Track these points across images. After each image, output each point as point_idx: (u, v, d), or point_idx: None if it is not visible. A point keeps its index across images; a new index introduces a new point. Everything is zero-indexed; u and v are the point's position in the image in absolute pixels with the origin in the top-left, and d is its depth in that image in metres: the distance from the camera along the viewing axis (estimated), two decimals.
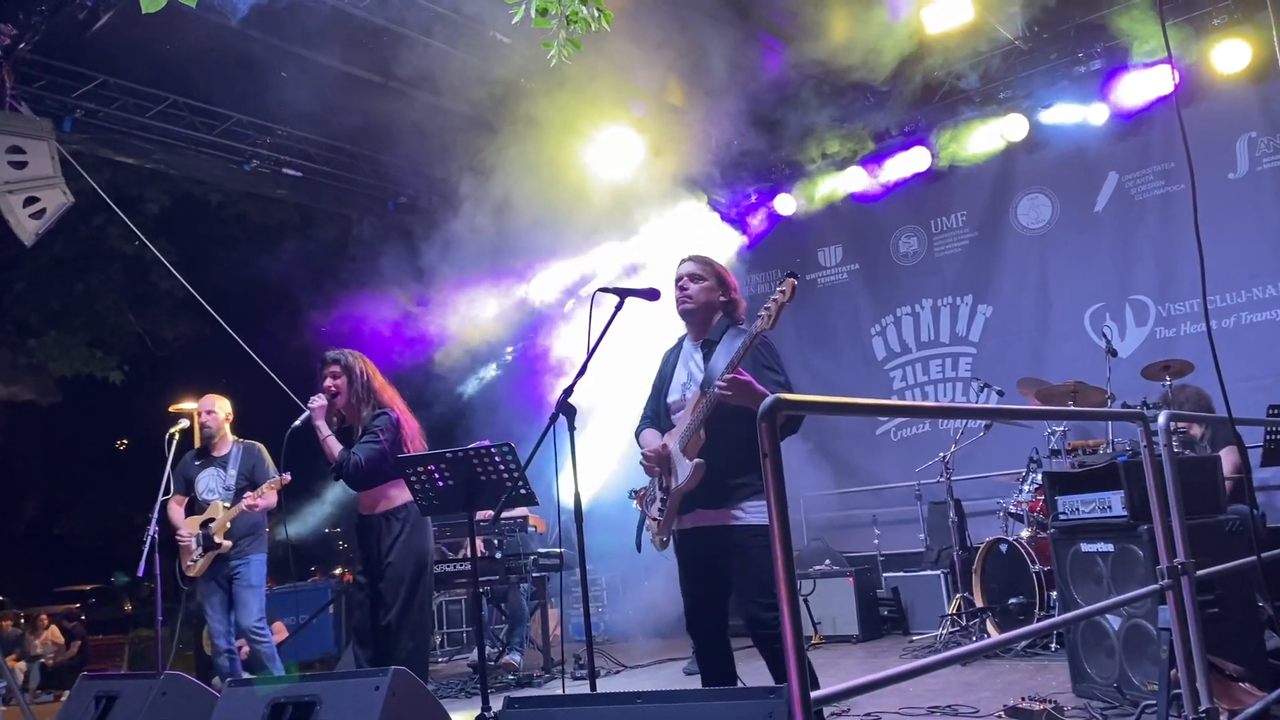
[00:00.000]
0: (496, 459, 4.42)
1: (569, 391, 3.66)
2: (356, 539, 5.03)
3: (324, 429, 4.92)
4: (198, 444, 6.42)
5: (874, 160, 9.57)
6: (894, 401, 2.87)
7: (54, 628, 15.78)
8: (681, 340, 3.96)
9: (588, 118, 8.58)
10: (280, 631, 9.39)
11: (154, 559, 5.84)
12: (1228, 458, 5.65)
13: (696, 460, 3.54)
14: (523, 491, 4.50)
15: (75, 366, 13.52)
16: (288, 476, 5.99)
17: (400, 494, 4.81)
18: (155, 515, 5.91)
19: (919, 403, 2.77)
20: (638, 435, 3.91)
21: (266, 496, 6.07)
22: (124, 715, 4.40)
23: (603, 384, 4.70)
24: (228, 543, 5.97)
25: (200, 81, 8.29)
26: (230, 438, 6.37)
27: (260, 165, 9.35)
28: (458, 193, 9.22)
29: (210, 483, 6.20)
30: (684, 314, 3.84)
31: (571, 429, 3.65)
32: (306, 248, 11.15)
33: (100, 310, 13.54)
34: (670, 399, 3.82)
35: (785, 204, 10.18)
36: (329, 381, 5.02)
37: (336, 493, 12.76)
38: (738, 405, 3.32)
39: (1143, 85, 8.11)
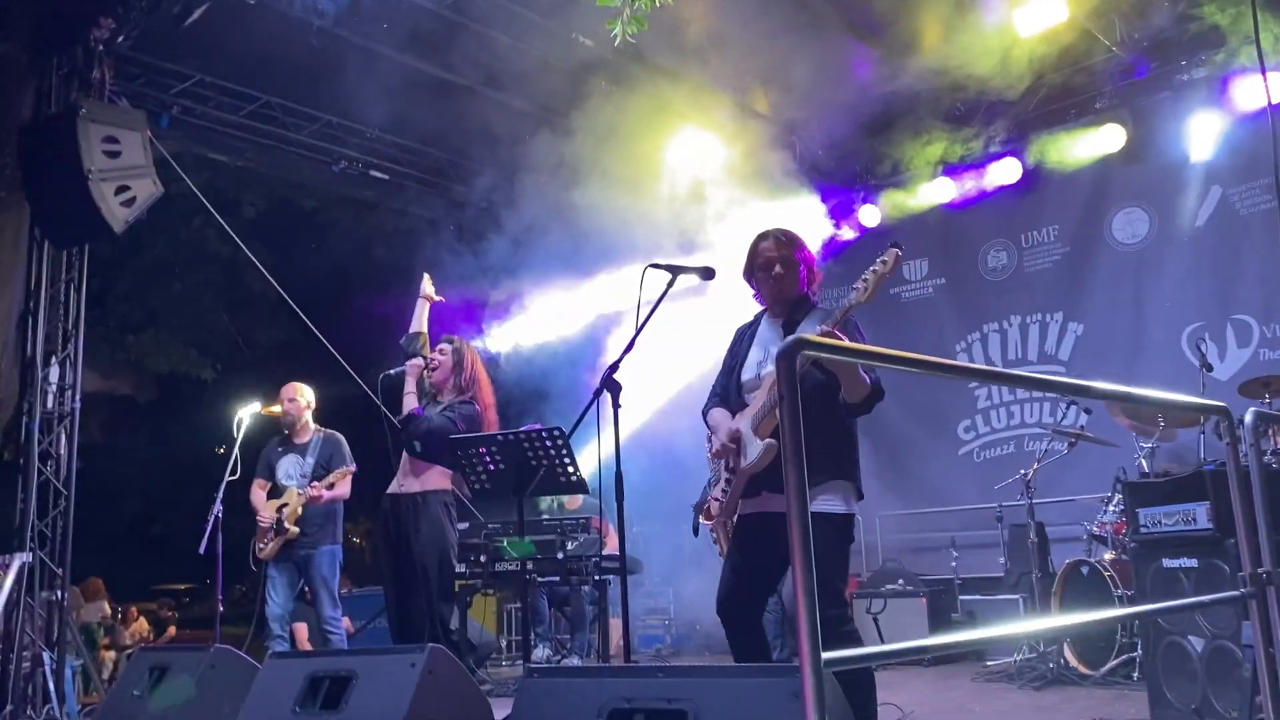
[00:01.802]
0: (548, 443, 4.36)
1: (614, 368, 3.57)
2: (384, 516, 5.06)
3: (411, 384, 5.18)
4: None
5: (963, 171, 9.30)
6: (941, 359, 2.68)
7: (142, 620, 16.27)
8: (758, 317, 3.79)
9: (669, 123, 8.54)
10: (347, 625, 9.46)
11: (216, 538, 5.93)
12: None
13: (769, 441, 3.37)
14: (574, 479, 4.43)
15: (171, 364, 13.97)
16: (354, 467, 6.07)
17: (443, 480, 4.82)
18: (219, 495, 6.00)
19: (972, 365, 2.60)
20: (705, 414, 3.76)
21: (337, 487, 6.16)
22: (174, 685, 4.46)
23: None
24: (295, 529, 6.05)
25: (291, 82, 8.49)
26: (312, 426, 6.51)
27: (348, 167, 9.52)
28: (540, 195, 9.25)
29: (289, 469, 6.33)
30: (769, 291, 3.66)
31: (616, 406, 3.55)
32: (393, 252, 11.30)
33: (197, 310, 13.96)
34: (744, 377, 3.65)
35: (869, 215, 9.96)
36: (435, 355, 5.39)
37: None
38: (816, 382, 3.21)
39: (1251, 93, 7.71)
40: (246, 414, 6.28)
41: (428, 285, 5.83)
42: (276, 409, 6.47)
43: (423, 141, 9.67)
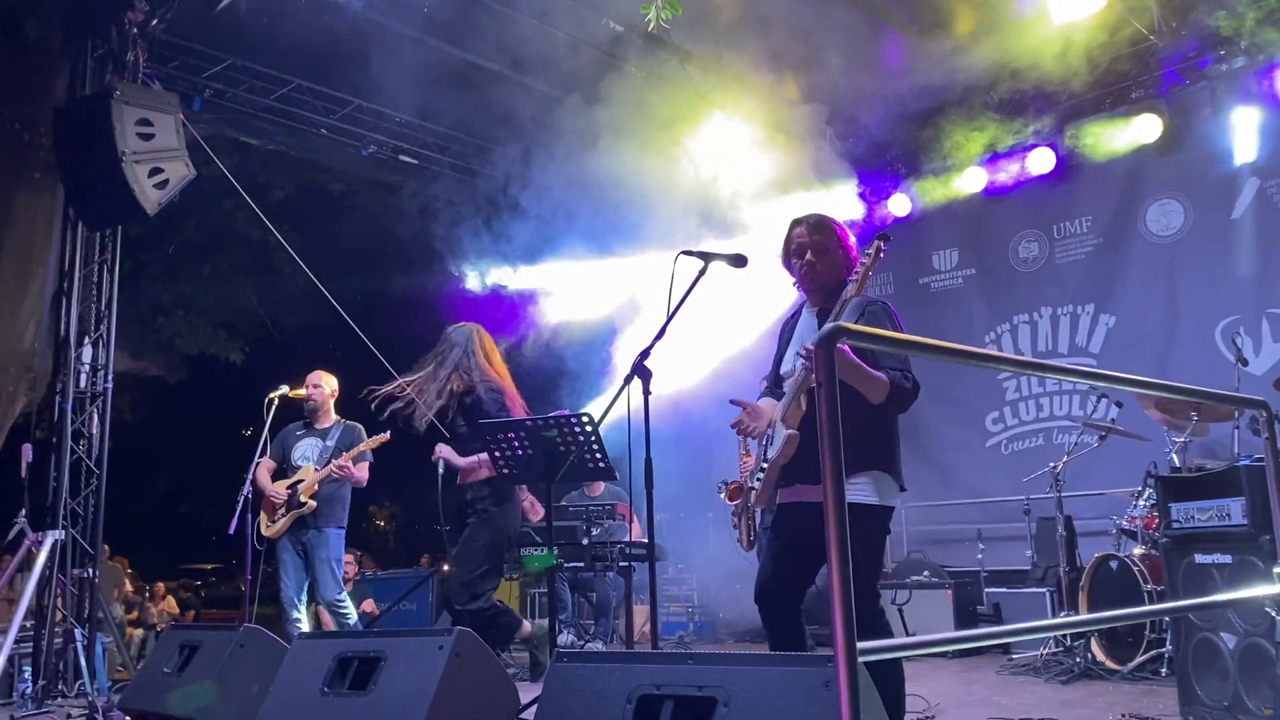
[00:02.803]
0: (576, 429, 4.36)
1: (645, 354, 3.56)
2: (451, 507, 5.13)
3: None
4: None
5: (995, 161, 9.20)
6: (975, 349, 2.65)
7: (170, 598, 16.46)
8: (798, 307, 3.74)
9: (700, 109, 8.50)
10: (368, 606, 9.53)
11: (246, 518, 5.98)
12: None
13: (790, 432, 3.33)
14: (601, 465, 4.43)
15: (201, 345, 14.08)
16: (387, 435, 6.14)
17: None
18: (250, 476, 6.05)
19: (1011, 355, 2.55)
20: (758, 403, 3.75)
21: (357, 470, 6.18)
22: (205, 663, 4.51)
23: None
24: (312, 503, 6.10)
25: (322, 66, 8.52)
26: (334, 414, 6.53)
27: (378, 151, 9.56)
28: (568, 180, 9.24)
29: (307, 451, 6.37)
30: (799, 277, 3.61)
31: (646, 392, 3.54)
32: (423, 238, 11.33)
33: (226, 293, 14.04)
34: (784, 369, 3.63)
35: (900, 204, 9.89)
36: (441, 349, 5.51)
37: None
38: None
39: None
40: (276, 396, 6.32)
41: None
42: (301, 391, 6.51)
43: (451, 126, 9.69)
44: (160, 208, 6.91)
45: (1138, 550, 6.31)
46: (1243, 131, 8.02)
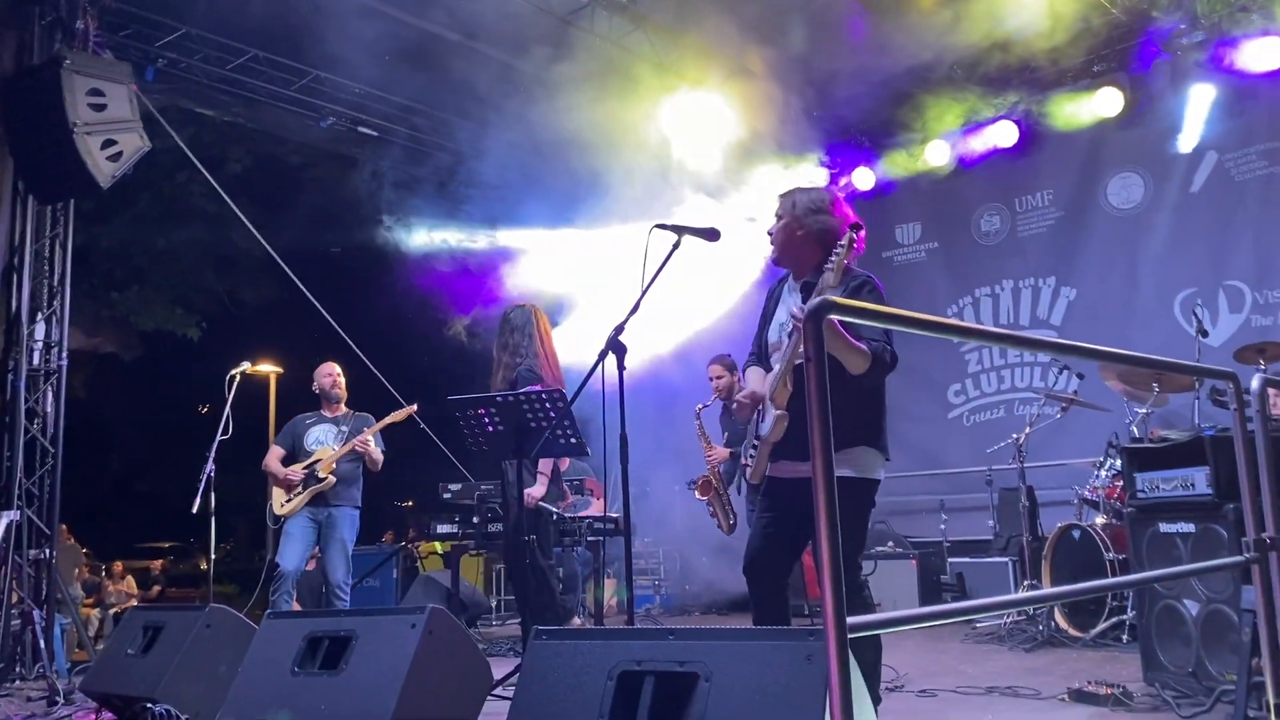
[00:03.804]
0: (548, 405, 4.32)
1: (620, 329, 3.53)
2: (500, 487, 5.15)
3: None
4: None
5: (957, 135, 9.24)
6: (955, 321, 2.67)
7: (130, 578, 16.25)
8: (787, 275, 3.70)
9: (664, 81, 8.43)
10: None
11: (208, 499, 5.89)
12: None
13: (779, 412, 3.32)
14: (572, 441, 4.40)
15: (156, 321, 13.85)
16: (414, 407, 6.34)
17: None
18: (211, 455, 5.96)
19: (985, 327, 2.57)
20: (744, 370, 3.76)
21: (374, 453, 6.26)
22: (169, 644, 4.44)
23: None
24: (331, 478, 6.13)
25: (278, 36, 8.32)
26: (345, 405, 6.61)
27: (337, 123, 9.39)
28: (534, 156, 9.15)
29: (321, 436, 6.41)
30: (772, 260, 3.59)
31: (621, 368, 3.51)
32: (383, 210, 11.18)
33: (182, 268, 13.82)
34: (770, 339, 3.61)
35: (863, 178, 9.90)
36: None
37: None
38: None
39: (1249, 58, 7.67)
40: (237, 374, 6.23)
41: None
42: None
43: (411, 97, 9.52)
44: (114, 180, 6.74)
45: (1100, 520, 6.40)
46: (1201, 106, 8.11)
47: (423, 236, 10.88)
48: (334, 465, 6.16)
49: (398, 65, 8.39)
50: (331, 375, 6.57)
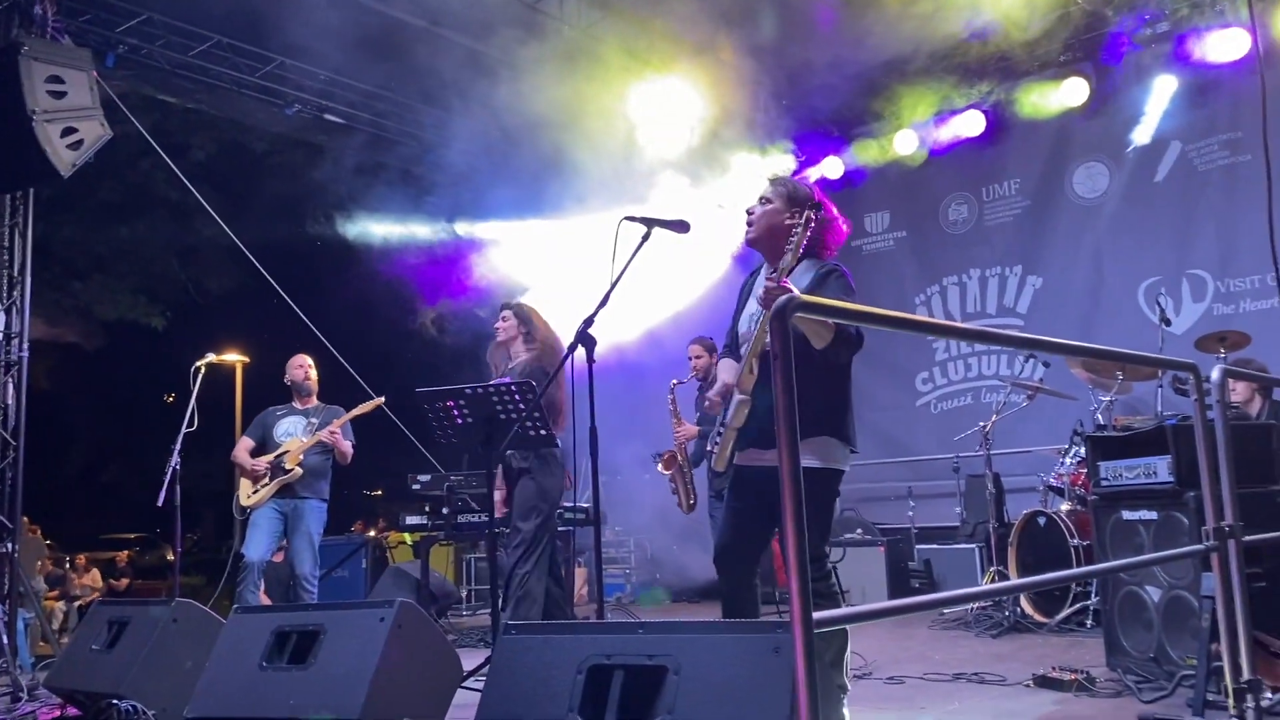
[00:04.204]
0: (517, 397, 4.31)
1: (589, 321, 3.52)
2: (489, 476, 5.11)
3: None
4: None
5: (927, 124, 9.27)
6: (920, 317, 2.70)
7: (95, 571, 16.06)
8: (760, 267, 3.68)
9: (633, 68, 8.40)
10: None
11: (174, 491, 5.83)
12: None
13: (741, 397, 3.31)
14: (542, 433, 4.39)
15: (119, 311, 13.67)
16: (381, 399, 6.31)
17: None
18: (177, 447, 5.90)
19: (951, 323, 2.62)
20: (719, 363, 3.75)
21: (342, 445, 6.23)
22: (135, 639, 4.40)
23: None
24: (298, 469, 6.07)
25: (242, 22, 8.21)
26: (316, 397, 6.56)
27: (302, 110, 9.28)
28: (502, 143, 9.10)
29: (290, 427, 6.36)
30: (746, 241, 3.56)
31: (591, 360, 3.51)
32: (348, 196, 11.09)
33: (145, 256, 13.63)
34: (741, 329, 3.61)
35: (832, 167, 9.93)
36: (498, 325, 5.53)
37: None
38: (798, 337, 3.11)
39: (1212, 49, 7.76)
40: (202, 365, 6.16)
41: None
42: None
43: (377, 84, 9.43)
44: (75, 169, 6.63)
45: (1065, 506, 6.48)
46: (1165, 96, 8.19)
47: (389, 225, 10.80)
48: (301, 457, 6.12)
49: (363, 52, 8.30)
50: (303, 367, 6.52)
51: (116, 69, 8.01)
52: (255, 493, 6.10)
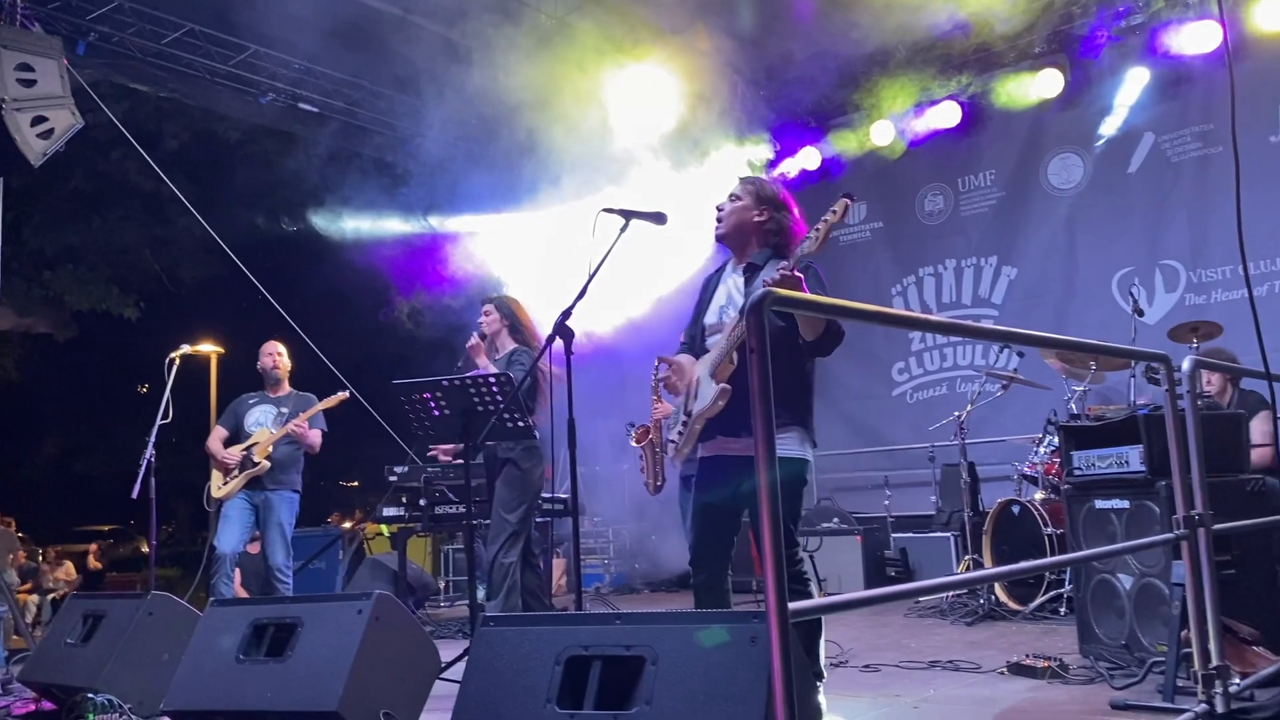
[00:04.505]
0: (495, 389, 4.31)
1: (567, 313, 3.53)
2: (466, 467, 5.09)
3: (483, 362, 5.20)
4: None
5: (905, 116, 9.29)
6: (896, 310, 2.75)
7: (68, 563, 15.92)
8: (725, 264, 3.77)
9: (610, 58, 8.38)
10: None
11: (149, 483, 5.79)
12: (1258, 426, 5.46)
13: (722, 385, 3.35)
14: (520, 425, 4.39)
15: (92, 301, 13.52)
16: (345, 394, 6.28)
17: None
18: (151, 439, 5.86)
19: (925, 315, 2.67)
20: None
21: (311, 435, 6.21)
22: (111, 633, 4.37)
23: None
24: (266, 463, 6.05)
25: (216, 9, 8.14)
26: (288, 384, 6.51)
27: (277, 99, 9.21)
28: (478, 132, 9.06)
29: (261, 417, 6.33)
30: (716, 237, 3.64)
31: (569, 352, 3.51)
32: (324, 187, 11.01)
33: (118, 246, 13.49)
34: (708, 321, 3.65)
35: (810, 158, 9.94)
36: (482, 318, 5.51)
37: None
38: (773, 329, 3.15)
39: (1185, 42, 7.82)
40: (177, 356, 6.12)
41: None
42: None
43: (353, 73, 9.37)
44: (45, 158, 6.57)
45: (1038, 495, 6.55)
46: (1139, 87, 8.25)
47: (364, 216, 10.74)
48: (270, 449, 6.09)
49: (337, 41, 8.25)
50: (272, 355, 6.48)
51: (87, 57, 7.92)
52: (225, 485, 6.07)
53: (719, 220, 3.61)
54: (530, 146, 8.43)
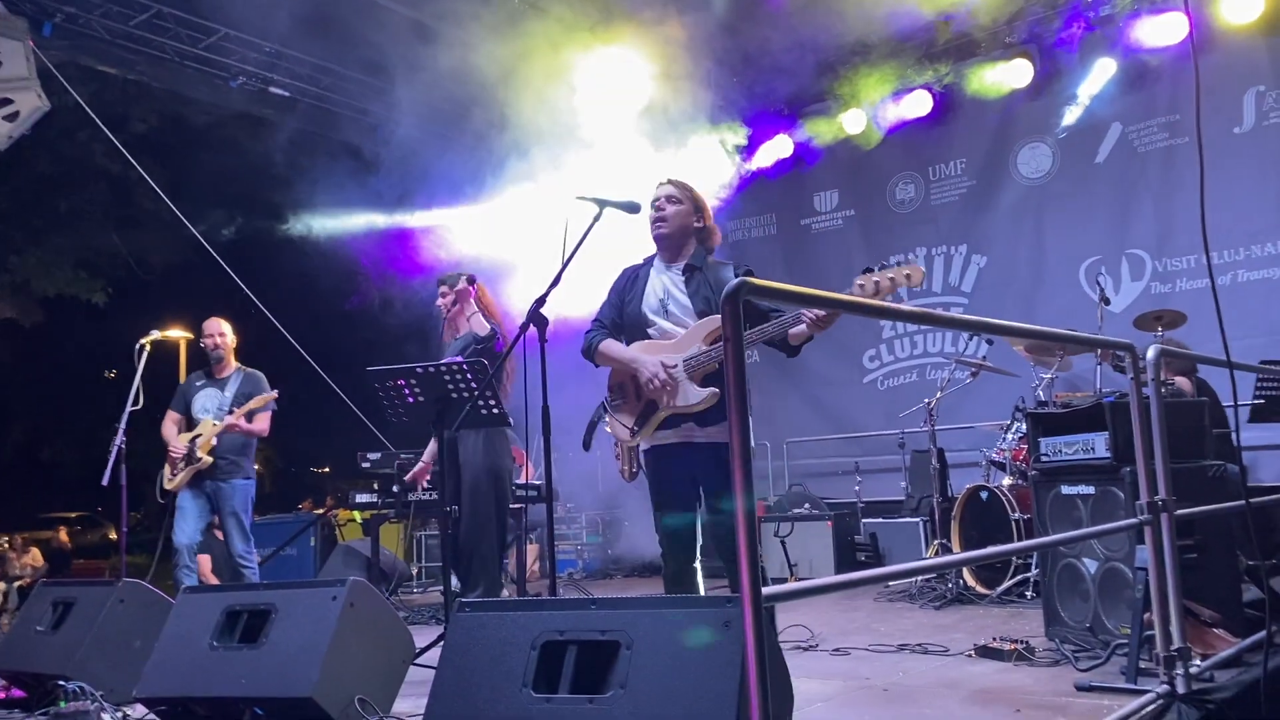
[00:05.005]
0: (470, 376, 4.31)
1: (540, 301, 3.54)
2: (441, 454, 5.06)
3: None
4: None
5: (878, 104, 9.33)
6: (867, 300, 2.81)
7: (35, 550, 15.76)
8: (649, 260, 3.93)
9: (584, 43, 8.36)
10: None
11: (119, 470, 5.75)
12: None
13: (712, 390, 3.55)
14: (494, 411, 4.40)
15: (58, 286, 13.36)
16: (275, 393, 6.02)
17: None
18: (122, 426, 5.81)
19: (896, 305, 2.73)
20: (597, 344, 3.84)
21: (256, 422, 6.13)
22: (81, 620, 4.36)
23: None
24: (208, 459, 5.96)
25: None
26: (234, 363, 6.38)
27: (247, 83, 9.12)
28: (449, 114, 9.01)
29: (206, 402, 6.21)
30: (658, 237, 3.83)
31: (543, 340, 3.53)
32: (295, 171, 10.92)
33: (85, 230, 13.32)
34: (645, 311, 3.79)
35: (782, 146, 9.98)
36: (439, 300, 5.45)
37: None
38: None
39: (1152, 32, 7.91)
40: (147, 342, 6.06)
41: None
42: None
43: (325, 57, 9.29)
44: (11, 142, 6.50)
45: (1006, 481, 6.63)
46: (1107, 78, 8.34)
47: (335, 200, 10.67)
48: (213, 442, 5.98)
49: (310, 23, 8.18)
50: (213, 335, 6.31)
51: (54, 38, 7.81)
52: (174, 478, 6.01)
53: (664, 220, 3.79)
54: (501, 131, 8.41)
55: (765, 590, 1.85)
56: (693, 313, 3.66)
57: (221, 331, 6.35)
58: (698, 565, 3.62)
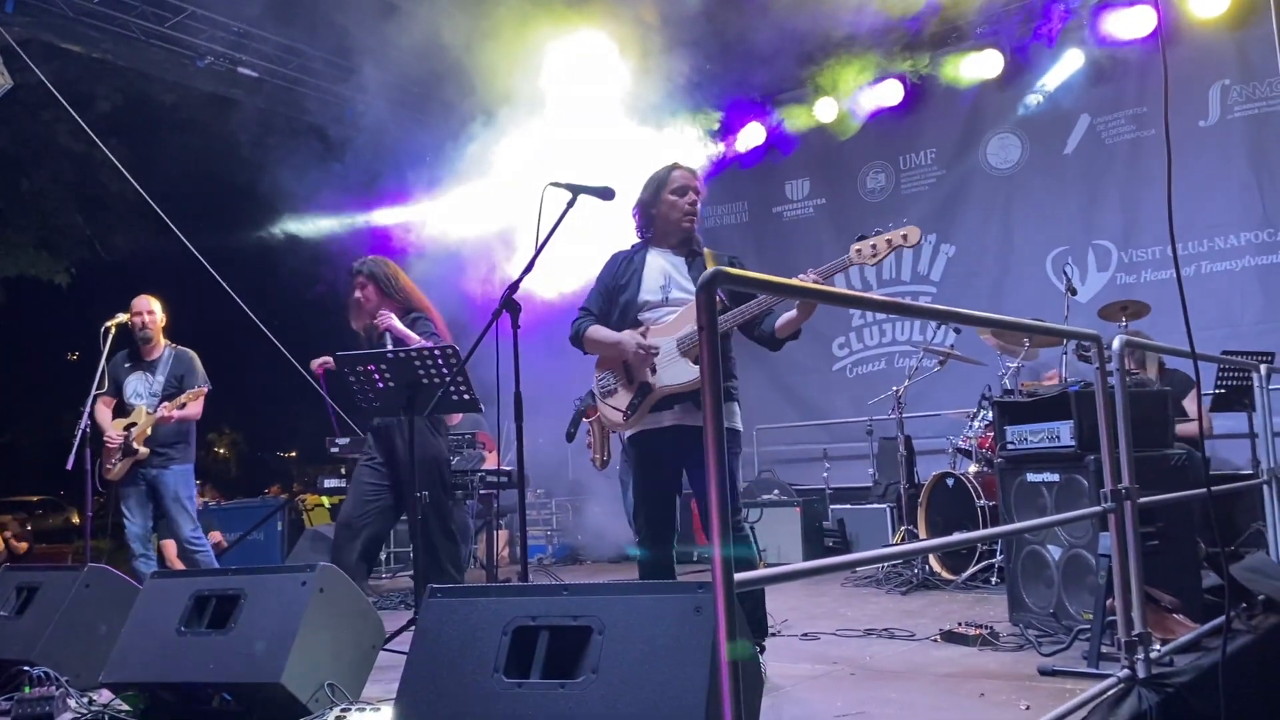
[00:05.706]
0: (440, 361, 4.30)
1: (514, 287, 3.53)
2: (374, 439, 5.01)
3: (397, 328, 4.96)
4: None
5: (850, 94, 9.36)
6: (839, 289, 2.88)
7: None
8: (641, 244, 3.92)
9: (556, 25, 8.31)
10: (215, 538, 9.25)
11: (84, 454, 5.68)
12: (1189, 405, 5.65)
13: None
14: (466, 397, 4.39)
15: (20, 267, 13.15)
16: (208, 387, 5.92)
17: None
18: (87, 410, 5.74)
19: (867, 294, 2.76)
20: (584, 330, 3.82)
21: (189, 407, 5.98)
22: (46, 606, 4.31)
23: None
24: (144, 450, 5.85)
25: None
26: (163, 342, 6.20)
27: (214, 62, 9.00)
28: (422, 98, 8.94)
29: (138, 386, 6.05)
30: (687, 226, 3.86)
31: (515, 326, 3.52)
32: (263, 153, 10.79)
33: (47, 210, 13.10)
34: (644, 298, 3.80)
35: (754, 134, 10.00)
36: (358, 293, 5.15)
37: None
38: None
39: (1121, 25, 7.99)
40: (113, 325, 5.97)
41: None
42: (124, 318, 6.12)
43: (294, 37, 9.17)
44: None
45: (972, 468, 6.71)
46: (1076, 70, 8.42)
47: (302, 183, 10.56)
48: (148, 432, 5.87)
49: (275, 3, 8.09)
50: (141, 314, 6.10)
51: (16, 15, 7.67)
52: (112, 467, 5.90)
53: (695, 216, 3.88)
54: (470, 116, 8.36)
55: (736, 576, 1.87)
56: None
57: (150, 310, 6.15)
58: (674, 552, 3.65)
